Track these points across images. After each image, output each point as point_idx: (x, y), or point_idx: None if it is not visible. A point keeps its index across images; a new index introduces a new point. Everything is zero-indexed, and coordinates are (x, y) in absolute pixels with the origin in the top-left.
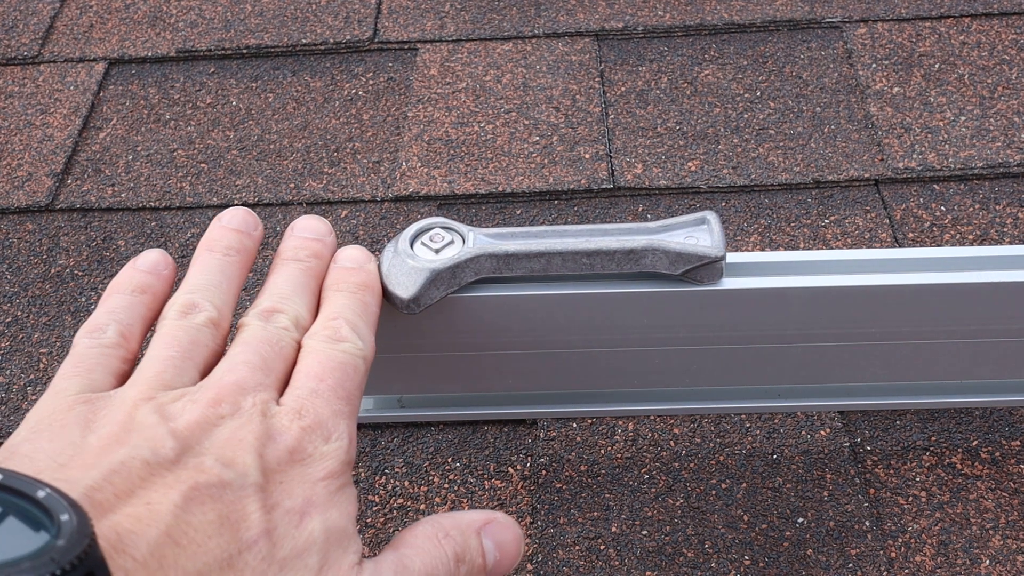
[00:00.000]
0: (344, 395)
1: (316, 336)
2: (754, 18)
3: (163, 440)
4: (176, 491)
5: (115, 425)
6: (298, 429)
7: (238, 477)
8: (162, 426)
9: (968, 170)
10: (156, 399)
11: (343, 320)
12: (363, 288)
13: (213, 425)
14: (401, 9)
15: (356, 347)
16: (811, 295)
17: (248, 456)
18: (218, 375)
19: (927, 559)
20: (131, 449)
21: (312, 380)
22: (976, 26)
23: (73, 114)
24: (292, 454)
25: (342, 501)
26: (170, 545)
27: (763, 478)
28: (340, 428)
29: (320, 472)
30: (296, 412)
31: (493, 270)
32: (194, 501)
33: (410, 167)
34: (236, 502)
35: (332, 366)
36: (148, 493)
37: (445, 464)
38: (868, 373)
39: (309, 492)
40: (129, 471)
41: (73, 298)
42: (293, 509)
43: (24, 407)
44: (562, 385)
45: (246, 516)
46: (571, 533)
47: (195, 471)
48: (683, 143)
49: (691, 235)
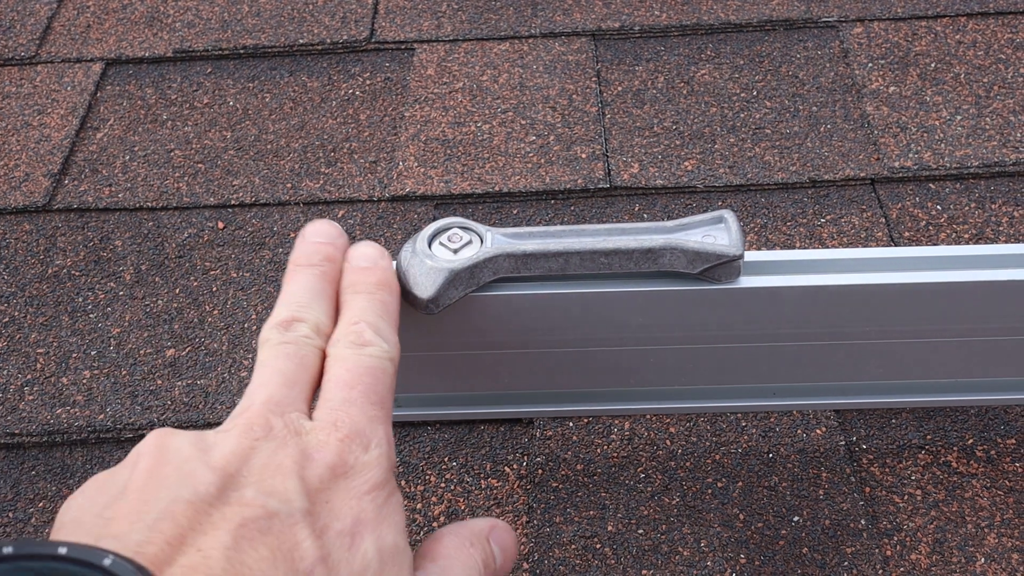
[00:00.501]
0: (377, 400)
1: (340, 343)
2: (750, 18)
3: (202, 476)
4: (224, 531)
5: (152, 458)
6: (336, 442)
7: (283, 505)
8: (198, 458)
9: (964, 169)
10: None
11: (365, 323)
12: (381, 287)
13: (249, 452)
14: (398, 9)
15: (382, 350)
16: (829, 294)
17: (290, 481)
18: (247, 401)
19: (923, 557)
20: (172, 491)
21: (343, 389)
22: (972, 25)
23: (70, 114)
24: (334, 469)
25: (390, 514)
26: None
27: (759, 477)
28: (378, 434)
29: (365, 484)
30: (332, 425)
31: (511, 270)
32: (244, 539)
33: (407, 167)
34: (285, 531)
35: (361, 372)
36: (198, 538)
37: (442, 463)
38: (865, 371)
39: (357, 509)
40: (174, 516)
41: (70, 298)
42: (344, 531)
43: (20, 407)
44: (562, 384)
45: (298, 545)
46: (567, 532)
47: (239, 506)
48: (679, 143)
49: (708, 234)
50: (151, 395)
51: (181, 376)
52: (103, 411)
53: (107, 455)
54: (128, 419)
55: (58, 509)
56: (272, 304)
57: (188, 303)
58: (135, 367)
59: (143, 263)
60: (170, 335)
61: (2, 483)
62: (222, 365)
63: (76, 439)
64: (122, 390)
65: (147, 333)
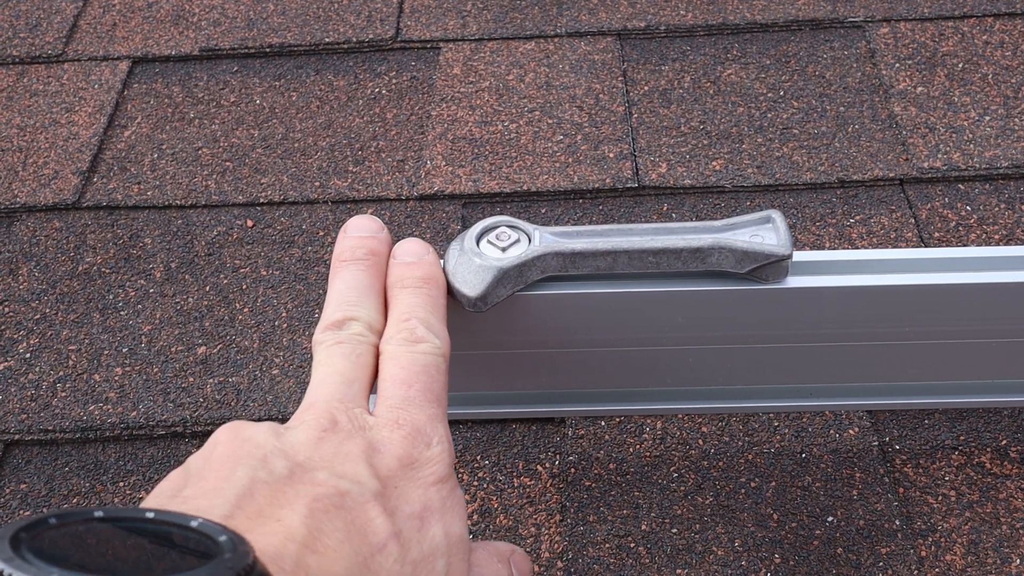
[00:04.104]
0: (434, 398)
1: (393, 340)
2: (776, 18)
3: (275, 458)
4: (301, 504)
5: (227, 445)
6: (400, 439)
7: (355, 486)
8: (271, 443)
9: (993, 170)
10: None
11: (416, 320)
12: (427, 282)
13: (318, 441)
14: (423, 8)
15: (435, 346)
16: (875, 294)
17: (360, 466)
18: (309, 399)
19: (957, 558)
20: (249, 471)
21: (401, 387)
22: (999, 26)
23: (98, 112)
24: (401, 460)
25: (455, 506)
26: (310, 554)
27: (792, 477)
28: (439, 431)
29: (431, 477)
30: (394, 423)
31: (559, 268)
32: (320, 511)
33: (435, 166)
34: (357, 509)
35: (416, 370)
36: (275, 511)
37: (474, 462)
38: (900, 372)
39: (424, 497)
40: (252, 493)
41: (101, 295)
42: (413, 514)
43: (53, 403)
44: (598, 384)
45: (370, 521)
46: (601, 531)
47: (312, 485)
48: (707, 142)
49: (756, 234)
50: (183, 392)
51: (212, 373)
52: (135, 408)
53: (140, 452)
54: (160, 416)
55: (91, 504)
56: (302, 303)
57: (218, 301)
58: (166, 364)
59: (173, 261)
60: (201, 332)
61: (36, 479)
62: (253, 363)
63: (109, 436)
64: (154, 387)
65: (178, 330)
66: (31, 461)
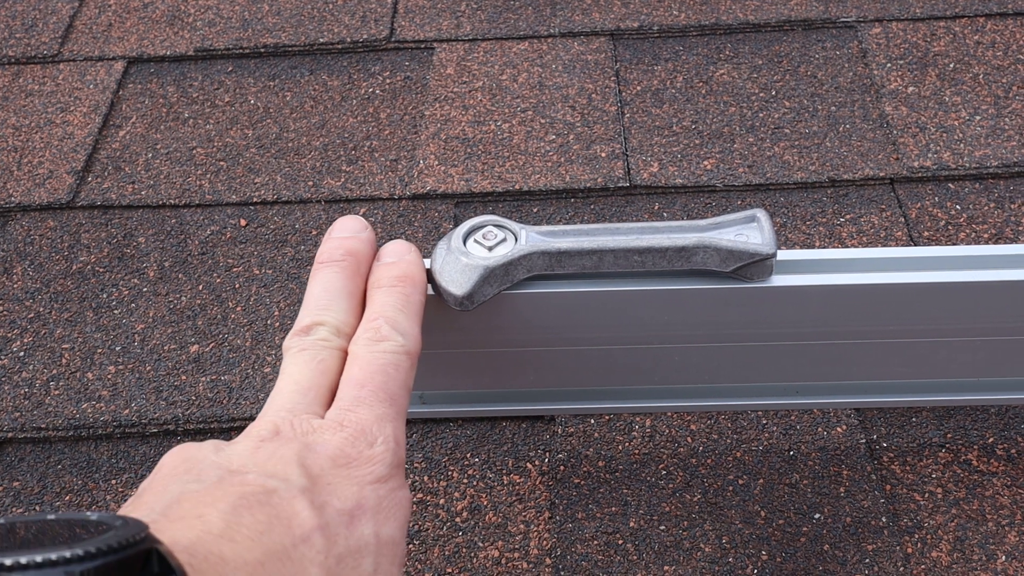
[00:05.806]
0: (386, 397)
1: (359, 341)
2: (769, 18)
3: (209, 469)
4: (224, 502)
5: (168, 467)
6: (340, 439)
7: (282, 483)
8: (209, 459)
9: (983, 169)
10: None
11: (383, 319)
12: (402, 280)
13: (254, 451)
14: (417, 8)
15: (397, 344)
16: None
17: (290, 467)
18: (262, 412)
19: (943, 555)
20: (182, 484)
21: (354, 388)
22: (991, 26)
23: (93, 112)
24: (334, 460)
25: (393, 507)
26: (226, 543)
27: (780, 474)
28: (385, 432)
29: (368, 476)
30: (338, 424)
31: (545, 267)
32: (242, 507)
33: (427, 165)
34: (283, 504)
35: (373, 370)
36: (199, 510)
37: (464, 459)
38: (886, 370)
39: (358, 495)
40: (180, 502)
41: (95, 294)
42: (344, 510)
43: (47, 401)
44: (586, 382)
45: (296, 514)
46: (589, 528)
47: (239, 485)
48: (699, 142)
49: (741, 232)
50: (175, 390)
51: (205, 372)
52: (128, 406)
53: (132, 450)
54: (153, 414)
55: (84, 503)
56: (295, 301)
57: (211, 299)
58: (159, 363)
59: (166, 260)
60: (194, 331)
61: (29, 476)
62: (245, 361)
63: (102, 434)
64: (147, 385)
65: (171, 329)
66: (24, 459)
